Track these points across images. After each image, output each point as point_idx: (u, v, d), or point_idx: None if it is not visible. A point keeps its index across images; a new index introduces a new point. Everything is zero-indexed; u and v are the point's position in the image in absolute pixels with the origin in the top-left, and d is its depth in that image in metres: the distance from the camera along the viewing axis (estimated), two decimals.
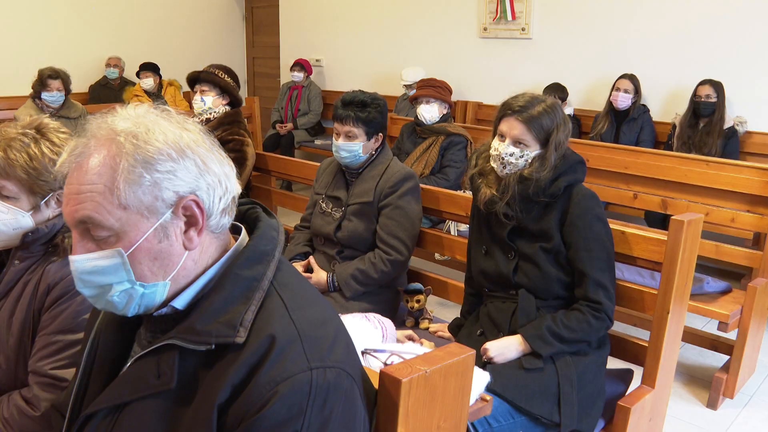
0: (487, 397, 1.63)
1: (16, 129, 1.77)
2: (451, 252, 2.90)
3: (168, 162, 1.04)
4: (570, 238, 2.16)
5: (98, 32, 7.74)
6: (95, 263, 1.05)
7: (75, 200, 1.04)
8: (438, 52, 6.73)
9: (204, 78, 3.66)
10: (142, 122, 1.06)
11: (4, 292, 1.77)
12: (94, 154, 1.04)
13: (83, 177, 1.04)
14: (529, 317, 2.18)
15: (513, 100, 2.22)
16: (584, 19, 5.68)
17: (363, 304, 2.65)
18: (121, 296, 1.07)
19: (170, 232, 1.06)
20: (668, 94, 5.31)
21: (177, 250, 1.07)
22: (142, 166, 1.02)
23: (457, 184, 4.35)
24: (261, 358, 1.01)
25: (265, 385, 0.99)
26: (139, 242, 1.04)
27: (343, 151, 2.75)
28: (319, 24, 7.92)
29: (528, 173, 2.16)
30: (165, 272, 1.07)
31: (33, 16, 7.27)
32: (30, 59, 6.54)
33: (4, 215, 1.74)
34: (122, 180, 1.02)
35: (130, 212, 1.03)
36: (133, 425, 1.07)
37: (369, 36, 7.40)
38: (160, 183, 1.03)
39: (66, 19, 7.49)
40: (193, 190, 1.06)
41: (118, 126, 1.06)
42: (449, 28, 6.63)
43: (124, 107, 1.11)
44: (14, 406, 1.66)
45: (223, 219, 1.12)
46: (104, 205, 1.03)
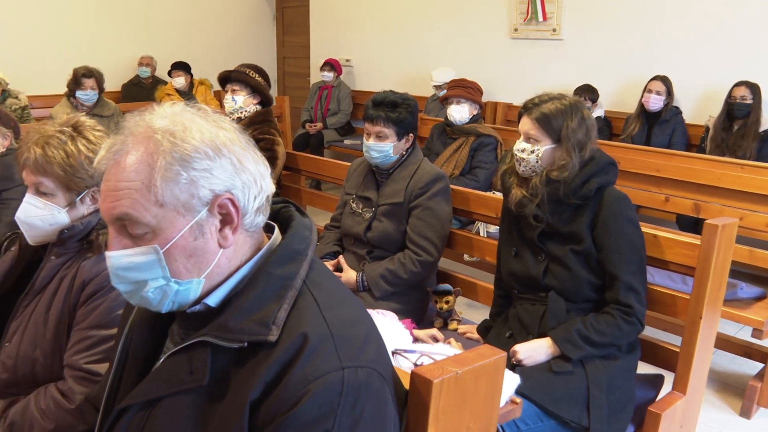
0: (517, 399, 1.62)
1: (53, 126, 1.80)
2: (481, 253, 2.89)
3: (205, 160, 1.05)
4: (601, 240, 2.14)
5: (131, 32, 7.84)
6: (131, 259, 1.06)
7: (112, 197, 1.05)
8: (468, 53, 6.71)
9: (235, 77, 3.68)
10: (179, 120, 1.07)
11: (40, 287, 1.81)
12: (131, 151, 1.05)
13: (121, 174, 1.05)
14: (559, 320, 2.17)
15: (528, 101, 2.25)
16: (616, 20, 5.62)
17: (392, 304, 2.65)
18: (156, 292, 1.08)
19: (205, 230, 1.07)
20: (701, 95, 5.23)
21: (212, 248, 1.08)
22: (179, 164, 1.03)
23: (487, 185, 4.33)
24: (293, 356, 1.01)
25: (297, 383, 0.99)
26: (174, 239, 1.05)
27: (373, 151, 2.75)
28: (349, 24, 7.94)
29: (555, 176, 2.15)
30: (200, 270, 1.08)
31: (68, 17, 7.39)
32: (65, 58, 6.64)
33: (41, 211, 1.78)
34: (159, 177, 1.03)
35: (167, 209, 1.04)
36: (165, 420, 1.08)
37: (399, 36, 7.40)
38: (196, 181, 1.04)
39: (100, 19, 7.60)
40: (229, 188, 1.07)
41: (155, 124, 1.07)
42: (479, 29, 6.61)
43: (161, 105, 1.11)
44: (51, 398, 1.69)
45: (258, 218, 1.12)
46: (141, 202, 1.04)
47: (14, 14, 7.06)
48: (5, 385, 1.79)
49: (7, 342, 1.80)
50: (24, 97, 6.10)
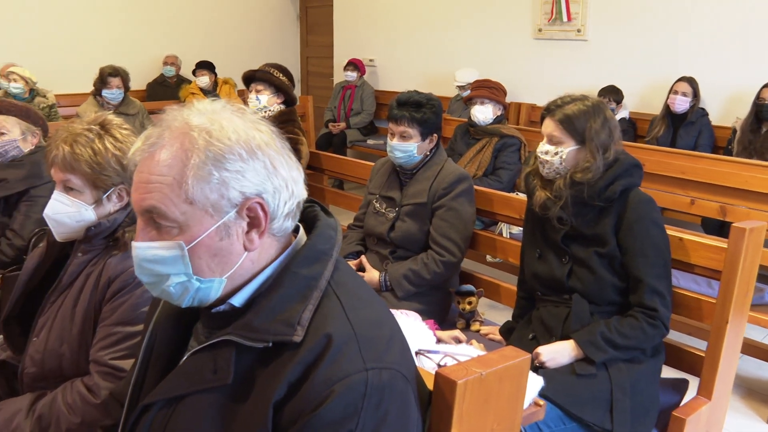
0: (540, 402, 1.62)
1: (81, 125, 1.82)
2: (504, 254, 2.88)
3: (238, 161, 1.04)
4: (626, 243, 2.13)
5: (156, 31, 7.91)
6: (155, 252, 1.07)
7: (144, 189, 1.06)
8: (492, 53, 6.69)
9: (259, 77, 3.70)
10: (217, 119, 1.07)
11: (67, 284, 1.83)
12: (166, 145, 1.06)
13: (154, 167, 1.05)
14: (583, 322, 2.16)
15: (550, 103, 2.24)
16: (641, 21, 5.57)
17: (414, 304, 2.65)
18: (177, 288, 1.08)
19: (232, 232, 1.07)
20: (728, 97, 5.17)
21: (237, 250, 1.08)
22: (212, 163, 1.03)
23: (510, 186, 4.32)
24: (317, 357, 1.01)
25: (321, 384, 0.99)
26: (200, 238, 1.05)
27: (397, 151, 2.75)
28: (372, 24, 7.95)
29: (579, 178, 2.14)
30: (222, 270, 1.08)
31: (94, 17, 7.48)
32: (91, 58, 6.72)
33: (68, 208, 1.80)
34: (191, 175, 1.03)
35: (196, 207, 1.04)
36: (189, 418, 1.09)
37: (422, 36, 7.39)
38: (227, 182, 1.04)
39: (126, 19, 7.68)
40: (260, 192, 1.07)
41: (193, 120, 1.07)
42: (503, 29, 6.58)
43: (202, 101, 1.12)
44: (77, 393, 1.71)
45: (286, 223, 1.12)
46: (171, 198, 1.04)
47: (42, 14, 7.16)
48: (33, 378, 1.81)
49: (35, 337, 1.83)
50: (51, 95, 6.18)
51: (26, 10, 7.07)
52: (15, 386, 1.89)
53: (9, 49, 6.87)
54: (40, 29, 7.16)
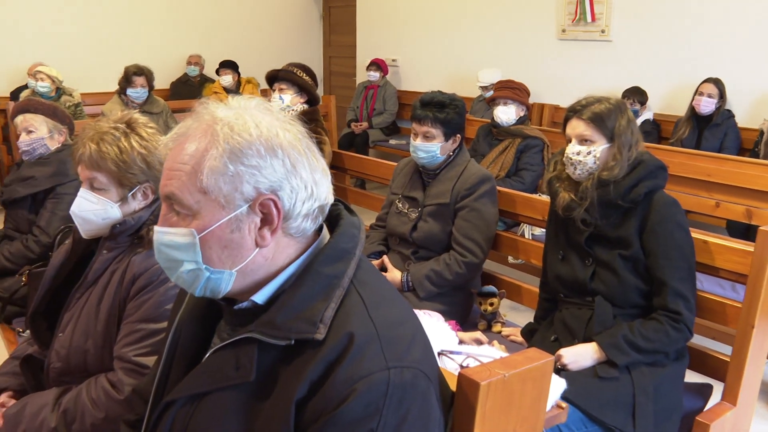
0: (562, 404, 1.61)
1: (108, 123, 1.84)
2: (526, 256, 2.87)
3: (255, 157, 1.05)
4: (649, 245, 2.11)
5: (180, 31, 7.98)
6: (171, 238, 1.09)
7: (167, 176, 1.09)
8: (515, 54, 6.66)
9: (283, 76, 3.72)
10: (242, 114, 1.08)
11: (92, 280, 1.85)
12: (191, 136, 1.08)
13: (178, 156, 1.08)
14: (605, 325, 2.14)
15: (574, 104, 2.23)
16: (666, 21, 5.52)
17: (436, 304, 2.65)
18: (189, 275, 1.10)
19: (243, 226, 1.08)
20: (756, 98, 5.11)
21: (248, 244, 1.09)
22: (228, 156, 1.05)
23: (533, 188, 4.30)
24: (339, 355, 1.01)
25: (343, 382, 0.99)
26: (211, 228, 1.07)
27: (420, 151, 2.75)
28: (395, 24, 7.95)
29: (606, 176, 2.12)
30: (233, 262, 1.09)
31: (120, 17, 7.57)
32: (116, 57, 6.80)
33: (94, 206, 1.82)
34: (207, 166, 1.05)
35: (209, 198, 1.06)
36: (211, 414, 1.09)
37: (445, 36, 7.38)
38: (242, 176, 1.05)
39: (150, 19, 7.77)
40: (275, 189, 1.07)
41: (219, 113, 1.09)
42: (527, 30, 6.55)
43: (238, 97, 1.14)
44: (101, 389, 1.73)
45: (305, 224, 1.12)
46: (187, 185, 1.06)
47: (69, 15, 7.27)
48: (59, 373, 1.84)
49: (60, 332, 1.85)
50: (77, 94, 6.26)
51: (53, 12, 7.18)
52: (41, 380, 1.91)
53: (36, 48, 6.98)
54: (67, 29, 7.27)
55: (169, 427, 1.15)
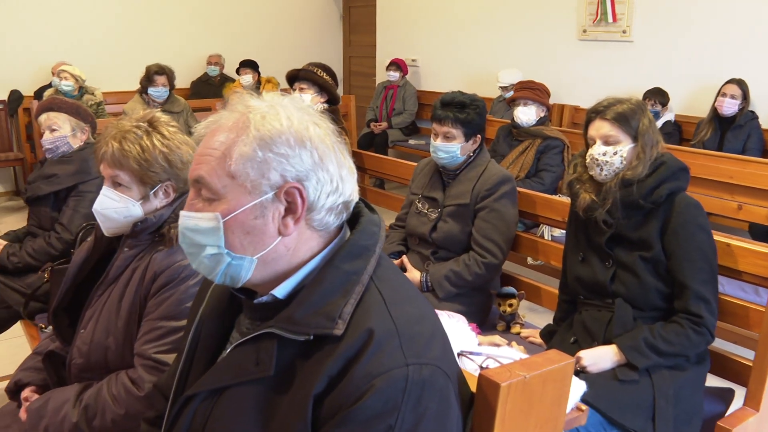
0: (582, 407, 1.60)
1: (130, 122, 1.86)
2: (546, 257, 2.86)
3: (284, 146, 1.07)
4: (671, 247, 2.10)
5: (200, 31, 8.04)
6: (196, 222, 1.11)
7: (197, 160, 1.11)
8: (535, 54, 6.64)
9: (303, 76, 3.73)
10: (275, 105, 1.11)
11: (114, 278, 1.86)
12: (224, 123, 1.11)
13: (209, 141, 1.10)
14: (626, 327, 2.13)
15: (596, 105, 2.22)
16: (688, 21, 5.46)
17: (455, 305, 2.65)
18: (211, 260, 1.11)
19: (267, 213, 1.09)
20: None
21: (270, 232, 1.10)
22: (257, 143, 1.07)
23: (553, 189, 4.28)
24: (358, 351, 1.02)
25: (362, 378, 0.99)
26: (236, 213, 1.08)
27: (441, 151, 2.75)
28: (415, 24, 7.95)
29: (630, 176, 2.11)
30: (254, 249, 1.10)
31: (141, 17, 7.64)
32: (138, 57, 6.85)
33: (116, 203, 1.83)
34: (237, 150, 1.07)
35: (236, 182, 1.07)
36: (231, 409, 1.10)
37: (465, 37, 7.37)
38: (270, 163, 1.07)
39: (171, 19, 7.83)
40: (301, 179, 1.08)
41: (253, 103, 1.11)
42: (547, 30, 6.52)
43: (272, 92, 1.16)
44: (121, 385, 1.75)
45: (328, 218, 1.13)
46: (216, 169, 1.08)
47: (91, 15, 7.37)
48: (80, 369, 1.86)
49: (82, 329, 1.87)
50: (99, 93, 6.32)
51: (76, 12, 7.27)
52: (63, 376, 1.93)
53: (60, 48, 7.06)
54: (90, 30, 7.35)
55: (190, 421, 1.17)
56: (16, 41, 7.02)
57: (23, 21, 7.04)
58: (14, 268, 2.92)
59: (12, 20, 6.99)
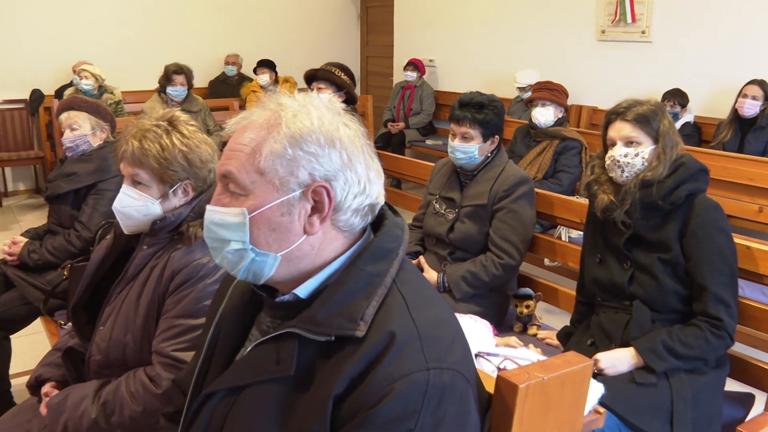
0: (600, 409, 1.59)
1: (150, 120, 1.87)
2: (563, 258, 2.85)
3: (314, 145, 1.08)
4: (690, 249, 2.08)
5: (218, 30, 8.09)
6: (222, 217, 1.11)
7: (226, 156, 1.12)
8: (553, 55, 6.61)
9: (321, 76, 3.73)
10: (307, 105, 1.12)
11: (133, 275, 1.88)
12: (256, 120, 1.11)
13: (239, 137, 1.11)
14: (643, 330, 2.12)
15: (615, 107, 2.21)
16: (709, 21, 5.41)
17: (472, 306, 2.64)
18: (235, 255, 1.11)
19: (294, 211, 1.09)
20: None
21: (296, 230, 1.10)
22: (288, 140, 1.07)
23: (570, 190, 4.27)
24: (379, 353, 1.02)
25: (382, 381, 0.99)
26: (263, 209, 1.08)
27: (458, 152, 2.75)
28: (433, 24, 7.94)
29: (650, 176, 2.10)
30: (279, 246, 1.10)
31: (159, 17, 7.69)
32: (156, 56, 6.91)
33: (136, 202, 1.85)
34: (267, 147, 1.08)
35: (264, 179, 1.08)
36: (250, 407, 1.10)
37: (483, 37, 7.35)
38: (299, 161, 1.07)
39: (189, 19, 7.88)
40: (329, 179, 1.09)
41: (285, 101, 1.13)
42: (566, 31, 6.49)
43: (303, 92, 1.17)
44: (139, 382, 1.76)
45: (354, 219, 1.13)
46: (245, 165, 1.09)
47: (111, 16, 7.43)
48: (99, 366, 1.87)
49: (101, 326, 1.88)
50: (118, 92, 6.37)
51: (97, 12, 7.35)
52: (82, 372, 1.95)
53: (80, 47, 7.13)
54: (109, 29, 7.42)
55: (208, 418, 1.17)
56: (37, 41, 7.10)
57: (44, 21, 7.11)
58: (34, 265, 2.95)
59: (33, 21, 7.06)
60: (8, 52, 6.99)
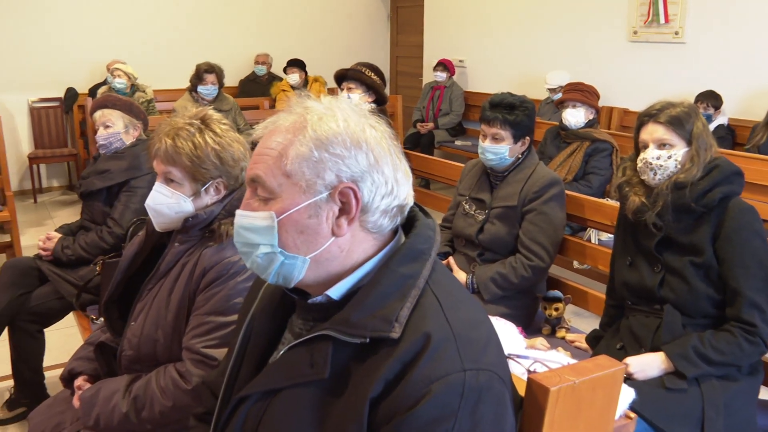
0: (631, 414, 1.57)
1: (183, 119, 1.89)
2: (593, 261, 2.82)
3: (340, 147, 1.08)
4: (724, 253, 2.05)
5: (249, 30, 8.15)
6: (251, 221, 1.12)
7: (254, 160, 1.12)
8: (584, 56, 6.55)
9: (352, 75, 3.74)
10: (333, 108, 1.12)
11: (164, 272, 1.89)
12: (282, 124, 1.12)
13: (267, 141, 1.12)
14: (674, 334, 2.09)
15: (648, 109, 2.19)
16: (743, 22, 5.32)
17: (500, 308, 2.64)
18: (264, 259, 1.12)
19: (321, 213, 1.09)
20: None
21: (324, 232, 1.10)
22: (314, 143, 1.08)
23: (600, 192, 4.23)
24: (415, 355, 1.01)
25: (419, 383, 0.99)
26: (290, 212, 1.09)
27: (489, 153, 2.74)
28: (463, 24, 7.91)
29: (683, 179, 2.07)
30: (307, 249, 1.10)
31: (191, 17, 7.78)
32: (187, 56, 6.98)
33: (168, 199, 1.87)
34: (293, 150, 1.08)
35: (291, 182, 1.09)
36: (284, 411, 1.10)
37: (513, 37, 7.31)
38: (325, 163, 1.08)
39: (220, 19, 7.95)
40: (356, 180, 1.09)
41: (311, 105, 1.13)
42: (597, 31, 6.44)
43: (329, 96, 1.17)
44: (170, 378, 1.78)
45: (383, 220, 1.12)
46: (272, 168, 1.09)
47: (143, 15, 7.54)
48: (130, 361, 1.89)
49: (133, 321, 1.91)
50: (150, 91, 6.44)
51: (129, 12, 7.45)
52: (114, 366, 1.98)
53: (113, 47, 7.23)
54: (141, 29, 7.52)
55: (242, 422, 1.17)
56: (71, 41, 7.22)
57: (78, 21, 7.23)
58: (68, 260, 3.00)
59: (67, 21, 7.19)
60: (44, 52, 7.12)
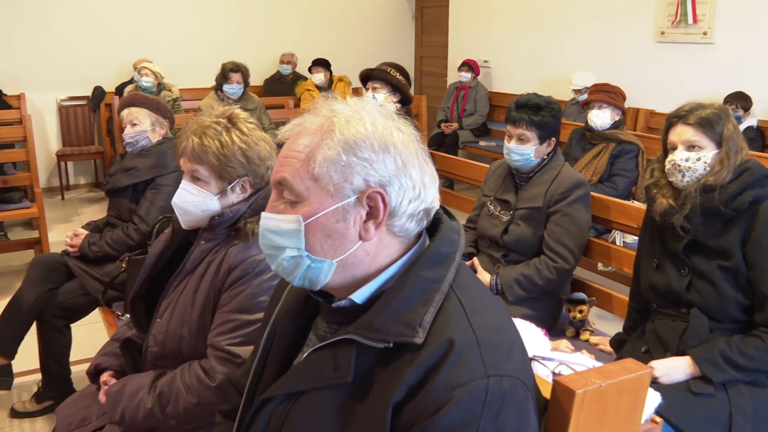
0: (657, 419, 1.56)
1: (210, 118, 1.90)
2: (618, 264, 2.80)
3: (368, 151, 1.07)
4: (753, 257, 2.02)
5: (274, 29, 8.19)
6: (277, 224, 1.12)
7: (281, 163, 1.12)
8: (610, 57, 6.49)
9: (377, 75, 3.74)
10: (360, 111, 1.11)
11: (190, 269, 1.91)
12: (309, 126, 1.12)
13: (293, 144, 1.12)
14: (701, 339, 2.07)
15: (677, 110, 2.16)
16: None
17: (524, 309, 2.63)
18: (290, 262, 1.11)
19: (349, 217, 1.09)
20: None
21: (351, 236, 1.10)
22: (342, 147, 1.07)
23: (626, 194, 4.20)
24: (438, 361, 1.01)
25: (442, 389, 0.98)
26: (318, 215, 1.08)
27: (514, 153, 2.72)
28: (488, 25, 7.89)
29: (712, 181, 2.05)
30: (334, 252, 1.10)
31: (216, 16, 7.84)
32: (212, 55, 7.04)
33: (195, 197, 1.88)
34: (321, 154, 1.08)
35: (319, 185, 1.08)
36: (307, 414, 1.10)
37: (539, 38, 7.27)
38: (353, 167, 1.07)
39: (245, 18, 8.02)
40: (384, 184, 1.08)
41: (338, 107, 1.12)
42: (623, 32, 6.38)
43: (355, 97, 1.17)
44: (194, 375, 1.79)
45: (409, 224, 1.12)
46: (300, 172, 1.09)
47: (170, 14, 7.61)
48: (155, 357, 1.91)
49: (158, 318, 1.92)
50: (176, 89, 6.50)
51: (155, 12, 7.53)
52: (139, 362, 1.99)
53: (139, 46, 7.30)
54: (168, 28, 7.59)
55: (265, 424, 1.17)
56: (98, 40, 7.31)
57: (105, 20, 7.31)
58: (94, 256, 3.03)
59: (95, 20, 7.27)
60: (72, 51, 7.21)
